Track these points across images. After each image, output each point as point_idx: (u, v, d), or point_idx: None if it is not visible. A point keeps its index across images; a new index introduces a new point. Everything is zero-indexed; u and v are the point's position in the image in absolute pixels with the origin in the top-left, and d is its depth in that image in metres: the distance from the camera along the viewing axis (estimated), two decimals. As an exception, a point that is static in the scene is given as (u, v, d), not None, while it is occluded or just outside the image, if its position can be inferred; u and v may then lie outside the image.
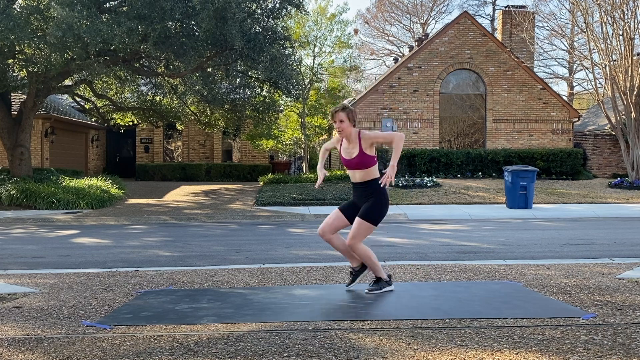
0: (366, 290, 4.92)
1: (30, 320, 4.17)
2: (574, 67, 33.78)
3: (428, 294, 4.90)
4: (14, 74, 16.13)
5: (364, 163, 4.73)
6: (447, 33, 21.61)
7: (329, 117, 4.90)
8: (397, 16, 41.44)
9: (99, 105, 21.54)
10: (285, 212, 14.09)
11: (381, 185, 4.67)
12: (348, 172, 4.92)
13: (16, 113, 17.18)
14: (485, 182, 18.88)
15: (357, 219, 4.76)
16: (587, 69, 20.65)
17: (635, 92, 18.44)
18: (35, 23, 13.86)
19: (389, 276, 5.01)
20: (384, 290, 4.90)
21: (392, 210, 14.35)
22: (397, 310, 4.33)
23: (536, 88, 21.62)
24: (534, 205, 14.82)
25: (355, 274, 5.06)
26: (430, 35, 28.44)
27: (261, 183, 20.76)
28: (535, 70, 24.49)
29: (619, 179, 19.16)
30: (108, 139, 28.31)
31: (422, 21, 41.13)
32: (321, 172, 5.07)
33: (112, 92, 20.55)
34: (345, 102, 26.97)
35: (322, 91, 25.98)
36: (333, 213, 5.00)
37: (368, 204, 4.75)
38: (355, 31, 38.19)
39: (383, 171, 4.64)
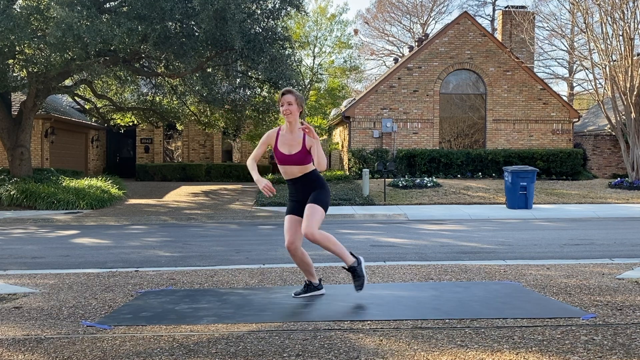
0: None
1: (30, 321, 4.17)
2: (574, 67, 33.77)
3: (428, 294, 4.90)
4: (14, 74, 16.13)
5: (306, 160, 4.57)
6: (447, 33, 21.61)
7: (278, 101, 4.61)
8: (397, 16, 41.45)
9: (99, 105, 21.56)
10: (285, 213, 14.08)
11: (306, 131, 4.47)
12: (281, 167, 4.67)
13: (16, 113, 17.19)
14: (485, 182, 18.88)
15: (308, 205, 4.55)
16: (587, 69, 20.66)
17: (635, 92, 18.44)
18: (35, 23, 13.87)
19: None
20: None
21: (392, 210, 14.36)
22: (397, 310, 4.32)
23: (536, 88, 21.62)
24: (534, 206, 14.82)
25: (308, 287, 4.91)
26: (430, 35, 28.43)
27: (261, 183, 20.72)
28: (535, 70, 24.49)
29: (619, 179, 19.15)
30: (108, 139, 28.31)
31: (422, 21, 41.13)
32: (263, 180, 4.63)
33: (112, 92, 20.56)
34: (346, 102, 26.95)
35: (322, 91, 25.98)
36: (289, 220, 4.77)
37: (316, 191, 4.61)
38: (355, 31, 38.24)
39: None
